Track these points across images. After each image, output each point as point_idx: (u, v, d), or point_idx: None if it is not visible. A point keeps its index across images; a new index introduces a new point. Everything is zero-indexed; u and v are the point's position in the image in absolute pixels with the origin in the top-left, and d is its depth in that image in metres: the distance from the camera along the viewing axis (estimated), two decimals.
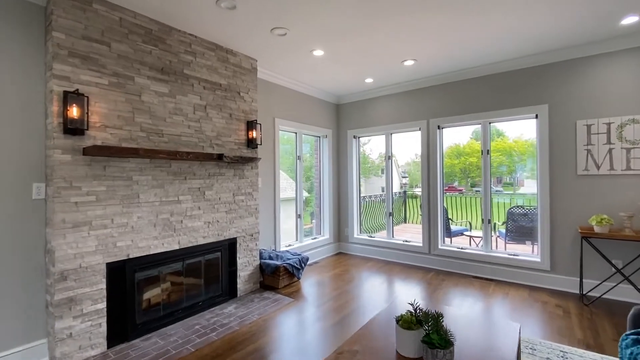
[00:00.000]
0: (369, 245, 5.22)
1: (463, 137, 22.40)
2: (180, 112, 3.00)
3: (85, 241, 2.38)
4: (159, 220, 2.84)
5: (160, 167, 2.85)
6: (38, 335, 2.32)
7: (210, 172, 3.26)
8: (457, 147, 20.08)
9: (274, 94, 4.34)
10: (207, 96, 3.24)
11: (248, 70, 3.67)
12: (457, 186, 19.30)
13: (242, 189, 3.59)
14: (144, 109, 2.73)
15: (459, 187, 19.10)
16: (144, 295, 2.78)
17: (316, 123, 5.12)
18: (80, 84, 2.36)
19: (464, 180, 20.33)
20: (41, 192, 2.34)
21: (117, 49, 2.55)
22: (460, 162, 20.22)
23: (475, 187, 18.84)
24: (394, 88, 4.86)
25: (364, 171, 11.31)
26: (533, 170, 4.41)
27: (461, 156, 20.60)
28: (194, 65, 3.11)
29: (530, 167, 14.07)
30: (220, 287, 3.38)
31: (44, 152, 2.37)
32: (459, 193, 14.08)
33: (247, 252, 3.65)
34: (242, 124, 3.59)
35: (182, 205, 3.01)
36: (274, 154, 4.32)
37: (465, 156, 20.45)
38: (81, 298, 2.35)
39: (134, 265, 2.67)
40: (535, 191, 3.91)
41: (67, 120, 2.24)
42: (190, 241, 3.07)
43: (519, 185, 14.79)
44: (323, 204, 5.42)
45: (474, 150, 20.23)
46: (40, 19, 2.33)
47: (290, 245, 4.70)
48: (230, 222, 3.46)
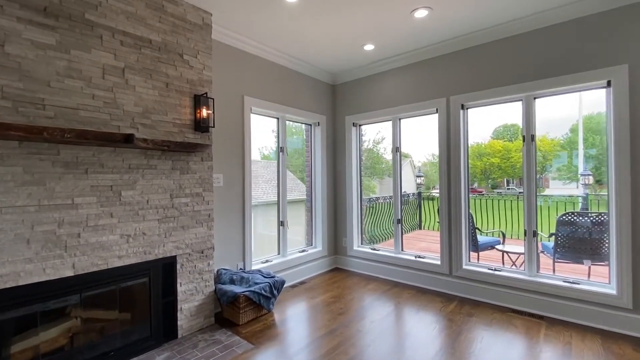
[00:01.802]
0: (372, 260, 4.13)
1: (483, 134, 20.59)
2: (78, 74, 2.05)
3: None
4: (36, 234, 1.89)
5: (40, 155, 1.90)
6: None
7: (130, 164, 2.29)
8: (479, 146, 18.46)
9: (245, 66, 3.35)
10: (128, 55, 2.28)
11: (197, 26, 2.69)
12: (477, 187, 17.63)
13: (185, 189, 2.61)
14: (8, 66, 1.79)
15: (479, 189, 17.42)
16: (8, 349, 1.83)
17: (306, 107, 4.10)
18: None
19: (484, 181, 18.61)
20: None
21: None
22: (482, 162, 18.53)
23: (497, 189, 17.09)
24: (402, 59, 3.77)
25: (378, 172, 10.18)
26: (563, 169, 3.21)
27: (482, 156, 18.89)
28: (104, 9, 2.16)
29: (562, 163, 12.40)
30: (148, 326, 2.40)
31: None
32: (479, 195, 12.65)
33: (193, 275, 2.66)
34: (185, 98, 2.61)
35: (79, 211, 2.05)
36: (242, 142, 3.32)
37: (487, 157, 18.70)
38: None
39: None
40: (574, 193, 2.72)
41: None
42: (95, 264, 2.11)
43: (544, 187, 13.01)
44: (315, 207, 4.38)
45: (495, 151, 18.48)
46: None
47: (268, 261, 3.68)
48: (165, 234, 2.48)
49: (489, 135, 18.15)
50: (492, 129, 17.66)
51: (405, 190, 16.06)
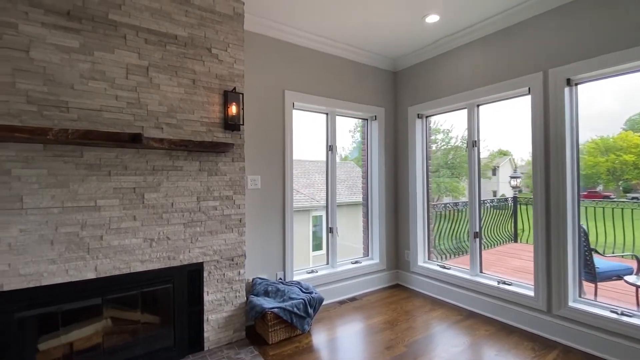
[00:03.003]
0: (440, 280, 3.39)
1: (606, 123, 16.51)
2: (101, 76, 2.03)
3: None
4: (60, 236, 1.91)
5: (64, 157, 1.92)
6: None
7: (155, 166, 2.21)
8: (604, 140, 14.63)
9: (285, 58, 3.07)
10: (152, 53, 2.20)
11: (227, 17, 2.50)
12: (600, 191, 13.88)
13: (214, 191, 2.44)
14: (33, 71, 1.84)
15: (604, 192, 13.65)
16: (29, 348, 1.89)
17: (360, 99, 3.61)
18: None
19: (612, 183, 14.57)
20: None
21: None
22: (609, 160, 14.67)
23: (632, 193, 13.07)
24: (477, 30, 2.96)
25: (467, 171, 8.92)
26: None
27: (609, 152, 14.92)
28: (127, 7, 2.11)
29: None
30: (172, 335, 2.29)
31: None
32: (600, 200, 9.82)
33: (221, 284, 2.47)
34: (214, 95, 2.44)
35: (102, 213, 2.03)
36: (282, 140, 3.05)
37: (617, 152, 14.67)
38: None
39: (11, 301, 1.79)
40: None
41: None
42: (117, 267, 2.07)
43: None
44: (371, 213, 3.84)
45: (631, 145, 14.26)
46: None
47: (313, 272, 3.32)
48: (191, 239, 2.34)
49: (621, 125, 14.24)
50: (624, 117, 13.81)
51: (503, 194, 13.82)
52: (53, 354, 1.98)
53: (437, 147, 10.95)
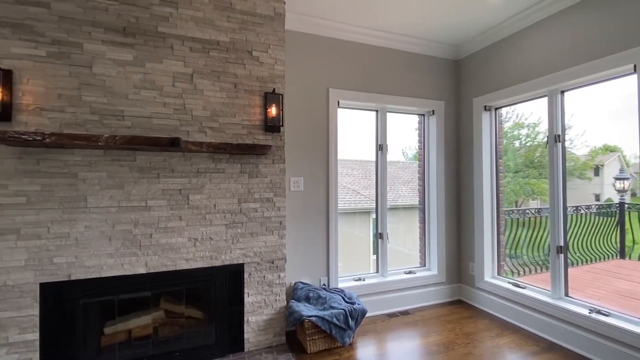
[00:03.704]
0: (512, 301, 2.88)
1: None
2: (151, 85, 2.19)
3: (11, 253, 1.90)
4: (116, 233, 2.10)
5: (120, 161, 2.12)
6: None
7: (199, 168, 2.30)
8: None
9: (329, 55, 2.94)
10: (196, 61, 2.30)
11: (267, 18, 2.49)
12: None
13: (254, 193, 2.45)
14: (96, 84, 2.06)
15: None
16: (91, 332, 2.11)
17: (415, 93, 3.29)
18: (11, 59, 1.90)
19: None
20: None
21: (58, 10, 1.99)
22: None
23: None
24: (557, 1, 2.42)
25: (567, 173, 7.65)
26: None
27: None
28: (174, 19, 2.24)
29: None
30: (213, 333, 2.35)
31: None
32: None
33: (262, 286, 2.46)
34: (255, 97, 2.45)
35: (151, 213, 2.18)
36: (327, 141, 2.93)
37: None
38: (6, 324, 1.88)
39: (78, 289, 2.03)
40: None
41: None
42: (164, 264, 2.21)
43: None
44: (429, 219, 3.47)
45: None
46: None
47: (360, 279, 3.13)
48: (232, 240, 2.38)
49: None
50: None
51: (609, 198, 11.55)
52: (116, 337, 2.19)
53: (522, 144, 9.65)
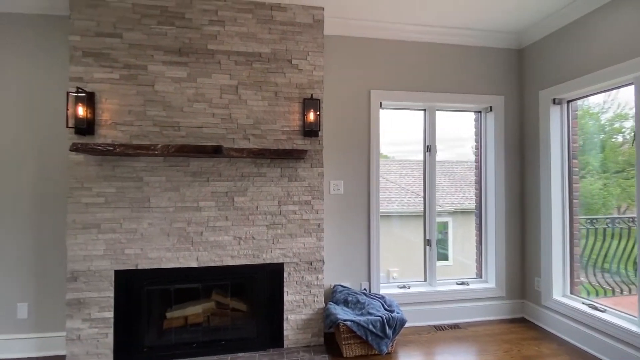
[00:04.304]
0: (588, 326, 2.45)
1: None
2: (202, 98, 2.43)
3: (94, 244, 2.29)
4: (173, 230, 2.39)
5: (176, 167, 2.40)
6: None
7: (243, 173, 2.47)
8: None
9: (371, 56, 2.89)
10: (240, 73, 2.48)
11: (306, 26, 2.56)
12: None
13: (293, 196, 2.53)
14: (157, 100, 2.37)
15: None
16: (153, 315, 2.43)
17: (469, 88, 3.04)
18: (93, 83, 2.30)
19: None
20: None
21: (128, 39, 2.34)
22: None
23: None
24: None
25: None
26: None
27: None
28: (221, 36, 2.45)
29: None
30: (255, 328, 2.50)
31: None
32: None
33: (300, 286, 2.54)
34: (294, 103, 2.54)
35: (202, 213, 2.42)
36: (368, 143, 2.88)
37: None
38: (89, 302, 2.28)
39: (143, 278, 2.36)
40: None
41: (76, 120, 2.22)
42: (212, 260, 2.43)
43: None
44: (486, 226, 3.16)
45: None
46: (66, 28, 2.43)
47: (405, 287, 3.00)
48: (273, 240, 2.50)
49: None
50: None
51: None
52: (174, 322, 2.49)
53: (624, 139, 8.13)
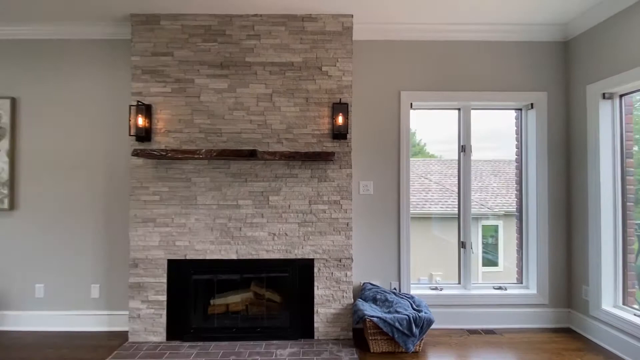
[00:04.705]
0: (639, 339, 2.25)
1: None
2: (240, 106, 2.68)
3: (151, 236, 2.65)
4: (216, 225, 2.67)
5: (218, 169, 2.67)
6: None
7: (277, 174, 2.67)
8: None
9: (400, 58, 2.91)
10: (274, 82, 2.68)
11: (336, 33, 2.68)
12: None
13: (323, 196, 2.67)
14: (202, 109, 2.67)
15: None
16: (199, 301, 2.72)
17: (508, 85, 2.93)
18: (151, 96, 2.66)
19: None
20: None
21: (178, 56, 2.67)
22: None
23: None
24: None
25: None
26: None
27: None
28: (257, 49, 2.68)
29: None
30: (288, 318, 2.68)
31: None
32: None
33: (330, 281, 2.67)
34: (324, 108, 2.68)
35: (241, 210, 2.67)
36: (398, 146, 2.91)
37: None
38: (146, 286, 2.64)
39: (190, 267, 2.66)
40: None
41: (137, 129, 2.60)
42: (250, 253, 2.66)
43: None
44: (527, 229, 3.01)
45: None
46: (128, 50, 2.80)
47: (437, 288, 2.97)
48: (304, 237, 2.67)
49: None
50: None
51: None
52: (218, 309, 2.77)
53: None
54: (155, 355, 2.40)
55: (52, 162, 2.89)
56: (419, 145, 5.53)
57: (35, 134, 2.89)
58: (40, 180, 2.88)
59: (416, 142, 5.64)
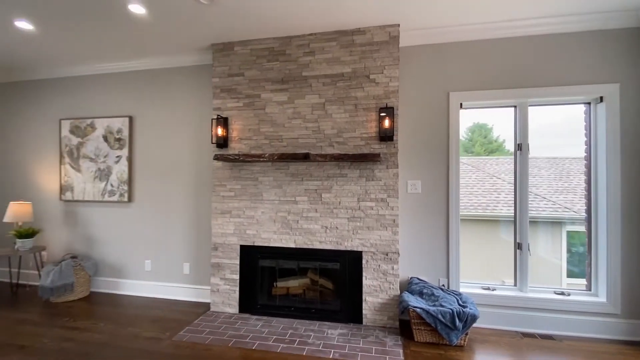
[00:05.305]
0: None
1: None
2: (298, 115, 3.07)
3: (227, 225, 3.22)
4: (278, 217, 3.10)
5: (280, 169, 3.11)
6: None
7: (328, 174, 3.00)
8: None
9: (448, 59, 2.97)
10: (327, 92, 3.01)
11: (383, 43, 2.89)
12: None
13: (370, 194, 2.91)
14: (267, 120, 3.14)
15: None
16: (264, 282, 3.19)
17: (571, 78, 2.77)
18: (227, 110, 3.23)
19: None
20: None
21: (248, 76, 3.18)
22: None
23: None
24: None
25: None
26: None
27: None
28: (312, 64, 3.04)
29: None
30: (339, 303, 2.98)
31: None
32: None
33: (377, 273, 2.88)
34: (371, 113, 2.91)
35: (298, 205, 3.06)
36: (447, 146, 2.97)
37: None
38: (224, 266, 3.21)
39: (258, 252, 3.15)
40: None
41: (217, 138, 3.19)
42: (305, 243, 3.04)
43: None
44: (596, 233, 2.78)
45: None
46: (210, 73, 3.42)
47: (489, 289, 2.94)
48: (352, 231, 2.94)
49: None
50: None
51: None
52: (280, 290, 3.22)
53: None
54: (230, 323, 2.93)
55: (156, 166, 3.68)
56: (497, 142, 5.23)
57: (144, 143, 3.73)
58: (148, 179, 3.71)
59: (493, 139, 5.32)
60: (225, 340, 2.60)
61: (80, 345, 2.54)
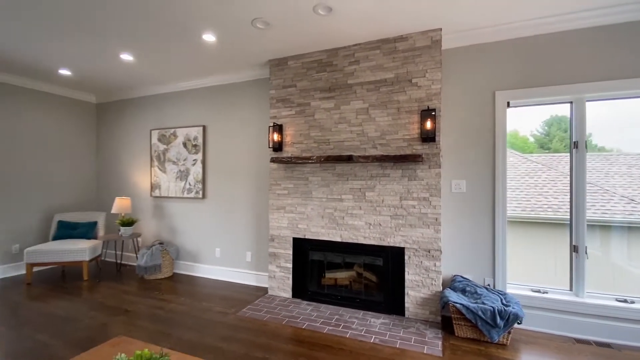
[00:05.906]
0: None
1: None
2: (344, 120, 3.34)
3: (282, 219, 3.63)
4: (325, 214, 3.41)
5: (327, 170, 3.41)
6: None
7: (372, 174, 3.21)
8: None
9: (493, 59, 2.95)
10: (370, 97, 3.22)
11: (425, 47, 3.00)
12: None
13: (412, 193, 3.04)
14: (316, 125, 3.46)
15: None
16: (314, 271, 3.52)
17: (635, 70, 2.57)
18: (281, 118, 3.64)
19: None
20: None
21: (299, 86, 3.54)
22: None
23: None
24: None
25: None
26: None
27: None
28: (357, 72, 3.27)
29: None
30: (382, 295, 3.17)
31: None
32: None
33: (419, 269, 3.01)
34: (414, 115, 3.04)
35: (343, 203, 3.33)
36: (493, 146, 2.96)
37: None
38: (279, 255, 3.63)
39: (308, 244, 3.50)
40: None
41: (273, 142, 3.62)
42: (351, 237, 3.29)
43: None
44: None
45: None
46: (267, 86, 3.85)
47: (539, 291, 2.86)
48: (395, 228, 3.10)
49: None
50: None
51: None
52: (328, 281, 3.53)
53: None
54: (284, 305, 3.33)
55: (224, 167, 4.27)
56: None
57: (215, 149, 4.35)
58: (218, 179, 4.32)
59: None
60: (279, 319, 3.00)
61: (167, 313, 3.16)
